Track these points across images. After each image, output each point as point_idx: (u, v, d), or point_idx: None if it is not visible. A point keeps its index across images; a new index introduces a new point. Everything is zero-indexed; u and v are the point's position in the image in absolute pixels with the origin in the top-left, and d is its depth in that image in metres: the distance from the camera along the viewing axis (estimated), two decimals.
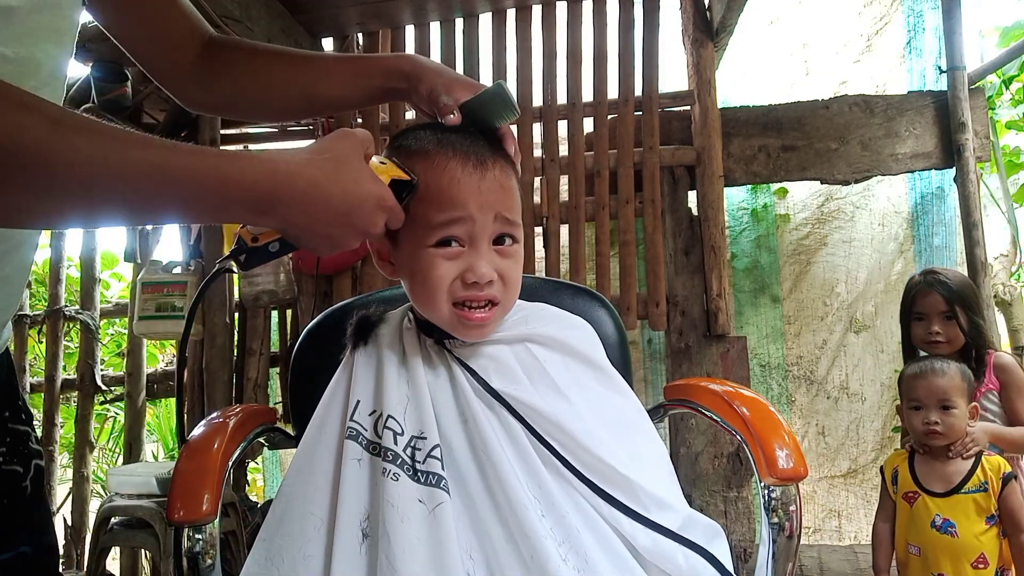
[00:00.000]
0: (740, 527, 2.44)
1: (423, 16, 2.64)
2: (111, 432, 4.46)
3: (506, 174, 0.85)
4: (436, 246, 0.82)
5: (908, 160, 2.63)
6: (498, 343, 0.88)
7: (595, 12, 2.60)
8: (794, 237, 3.02)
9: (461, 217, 0.81)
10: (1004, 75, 3.18)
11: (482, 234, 0.82)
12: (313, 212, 0.69)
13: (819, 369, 2.98)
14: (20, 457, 0.85)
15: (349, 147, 0.73)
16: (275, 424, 1.11)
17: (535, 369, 0.87)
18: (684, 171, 2.60)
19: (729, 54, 2.90)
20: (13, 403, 0.86)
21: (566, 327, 0.94)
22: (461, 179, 0.82)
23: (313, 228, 0.71)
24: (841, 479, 2.95)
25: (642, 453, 0.86)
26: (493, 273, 0.82)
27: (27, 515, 0.85)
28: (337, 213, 0.70)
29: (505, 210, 0.83)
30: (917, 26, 2.89)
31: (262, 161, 0.67)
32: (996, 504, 1.62)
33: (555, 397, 0.85)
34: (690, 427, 2.43)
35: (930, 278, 1.90)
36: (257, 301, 2.62)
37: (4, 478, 0.82)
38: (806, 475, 0.90)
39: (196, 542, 0.87)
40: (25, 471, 0.86)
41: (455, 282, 0.82)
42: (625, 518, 0.79)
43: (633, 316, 2.48)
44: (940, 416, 1.65)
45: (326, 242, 0.74)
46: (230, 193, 0.65)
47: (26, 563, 0.83)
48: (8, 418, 0.84)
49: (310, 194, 0.68)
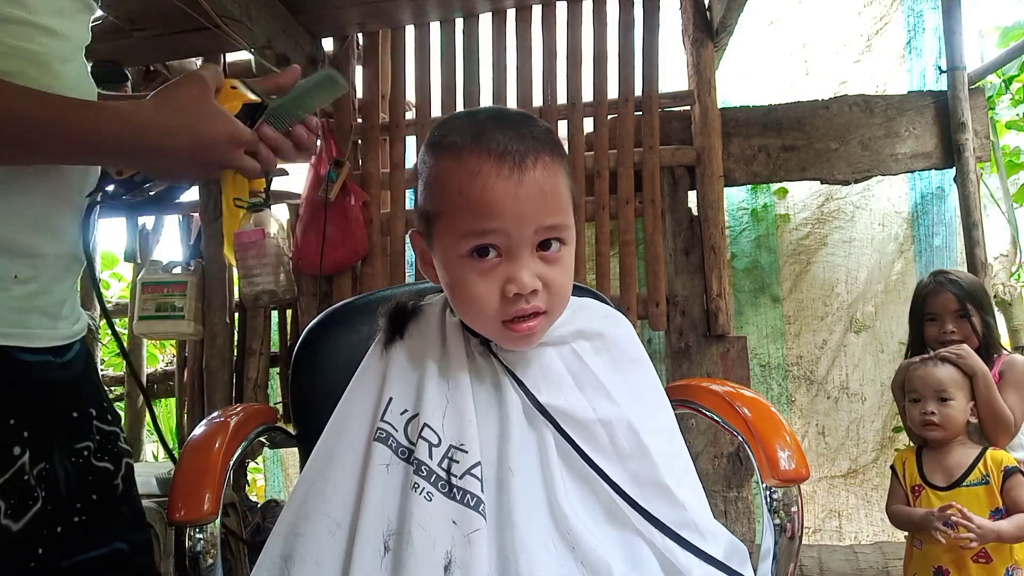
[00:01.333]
0: (740, 527, 2.44)
1: (423, 16, 2.64)
2: None
3: (549, 173, 0.76)
4: (471, 255, 0.76)
5: (908, 160, 2.63)
6: (544, 345, 0.83)
7: (595, 12, 2.59)
8: (794, 237, 3.02)
9: (496, 228, 0.74)
10: (1004, 75, 3.18)
11: (522, 244, 0.75)
12: (168, 158, 0.76)
13: (819, 369, 2.98)
14: (110, 455, 0.87)
15: (197, 92, 0.78)
16: (276, 424, 1.11)
17: (583, 373, 0.83)
18: (684, 171, 2.60)
19: (729, 54, 2.89)
20: (99, 403, 0.89)
21: (611, 324, 0.90)
22: (496, 185, 0.73)
23: (172, 171, 0.79)
24: (841, 479, 2.95)
25: (687, 469, 0.83)
26: (536, 282, 0.75)
27: (119, 512, 0.87)
28: (192, 156, 0.77)
29: (547, 217, 0.75)
30: (917, 26, 2.89)
31: (115, 117, 0.74)
32: (1001, 498, 1.61)
33: (604, 401, 0.81)
34: (690, 427, 2.43)
35: (941, 278, 1.91)
36: (257, 301, 2.62)
37: (95, 474, 0.85)
38: (808, 476, 0.90)
39: (197, 542, 0.87)
40: (116, 469, 0.88)
41: (499, 298, 0.76)
42: (680, 550, 0.74)
43: (633, 316, 2.48)
44: (937, 407, 1.66)
45: (188, 178, 0.84)
46: (94, 142, 0.73)
47: (122, 559, 0.86)
48: (95, 416, 0.87)
49: (162, 144, 0.75)
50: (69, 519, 0.81)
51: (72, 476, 0.81)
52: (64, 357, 0.85)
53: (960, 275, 1.94)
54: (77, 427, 0.84)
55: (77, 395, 0.85)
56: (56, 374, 0.82)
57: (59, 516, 0.79)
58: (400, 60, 2.70)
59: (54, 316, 0.83)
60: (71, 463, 0.82)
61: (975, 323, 1.82)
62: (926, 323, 1.91)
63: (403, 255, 2.65)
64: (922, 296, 1.93)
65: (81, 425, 0.85)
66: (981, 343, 1.83)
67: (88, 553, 0.82)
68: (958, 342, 1.82)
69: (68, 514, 0.81)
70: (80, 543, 0.81)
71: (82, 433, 0.85)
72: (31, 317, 0.79)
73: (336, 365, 1.10)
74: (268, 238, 2.55)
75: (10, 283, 0.76)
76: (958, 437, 1.69)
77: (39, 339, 0.80)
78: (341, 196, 2.52)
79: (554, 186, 0.77)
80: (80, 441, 0.84)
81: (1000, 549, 1.61)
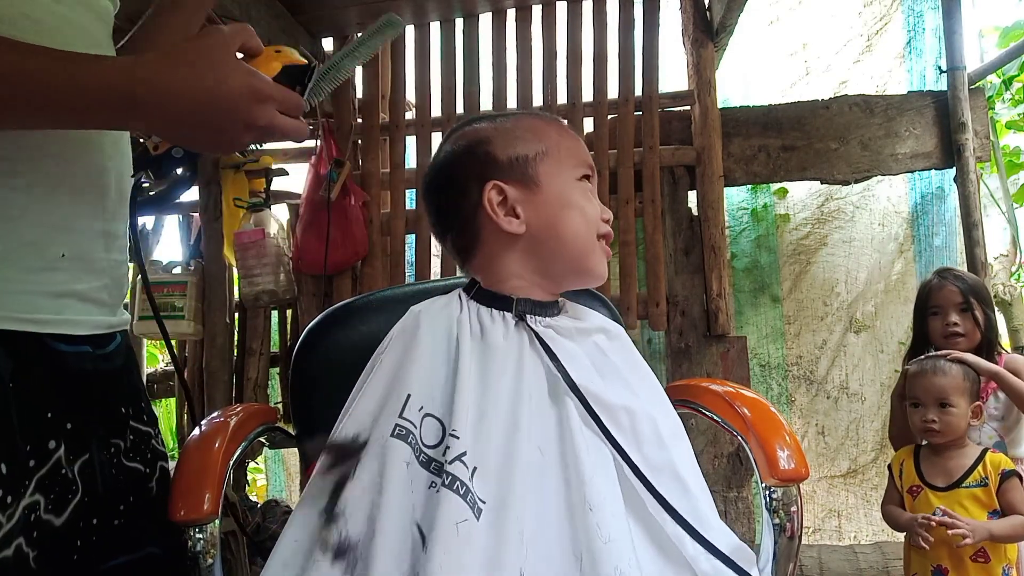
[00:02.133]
0: (740, 527, 2.44)
1: (423, 16, 2.64)
2: None
3: None
4: (583, 179, 0.91)
5: (908, 160, 2.63)
6: (567, 338, 0.86)
7: (595, 12, 2.59)
8: (794, 237, 3.02)
9: (591, 165, 0.93)
10: (1004, 75, 3.18)
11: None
12: (178, 113, 0.67)
13: (819, 369, 2.98)
14: (142, 456, 0.85)
15: (212, 44, 0.70)
16: (276, 424, 1.11)
17: (606, 365, 0.87)
18: (684, 171, 2.60)
19: (729, 54, 2.89)
20: (136, 402, 0.87)
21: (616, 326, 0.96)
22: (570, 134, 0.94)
23: (184, 130, 0.70)
24: (841, 479, 2.95)
25: (696, 470, 0.86)
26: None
27: (154, 516, 0.85)
28: (207, 113, 0.68)
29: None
30: (917, 26, 2.89)
31: (119, 66, 0.67)
32: (997, 499, 1.62)
33: (625, 391, 0.85)
34: (690, 427, 2.41)
35: (945, 273, 1.94)
36: (257, 301, 2.62)
37: (127, 474, 0.83)
38: (807, 476, 0.90)
39: (197, 542, 0.87)
40: (151, 472, 0.87)
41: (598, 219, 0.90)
42: (689, 540, 0.76)
43: (633, 316, 2.48)
44: (937, 414, 1.67)
45: (210, 142, 0.72)
46: (88, 97, 0.65)
47: (155, 564, 0.84)
48: (130, 415, 0.85)
49: (170, 96, 0.67)
50: (108, 520, 0.79)
51: (108, 475, 0.79)
52: (105, 348, 0.82)
53: (964, 273, 1.97)
54: (111, 423, 0.82)
55: (114, 390, 0.83)
56: (94, 366, 0.79)
57: (98, 513, 0.77)
58: (400, 60, 2.70)
59: (95, 303, 0.79)
60: (106, 458, 0.80)
61: (978, 317, 1.83)
62: (929, 317, 1.92)
63: (403, 255, 2.65)
64: (926, 291, 1.95)
65: (115, 421, 0.82)
66: (983, 338, 1.84)
67: (122, 558, 0.80)
68: (960, 335, 1.83)
69: (107, 514, 0.79)
70: (117, 547, 0.80)
71: (115, 430, 0.82)
72: (69, 303, 0.75)
73: (336, 365, 1.10)
74: (268, 238, 2.55)
75: (56, 261, 0.72)
76: (959, 439, 1.69)
77: (78, 326, 0.76)
78: (341, 196, 2.52)
79: None
80: (113, 437, 0.81)
81: (997, 549, 1.62)
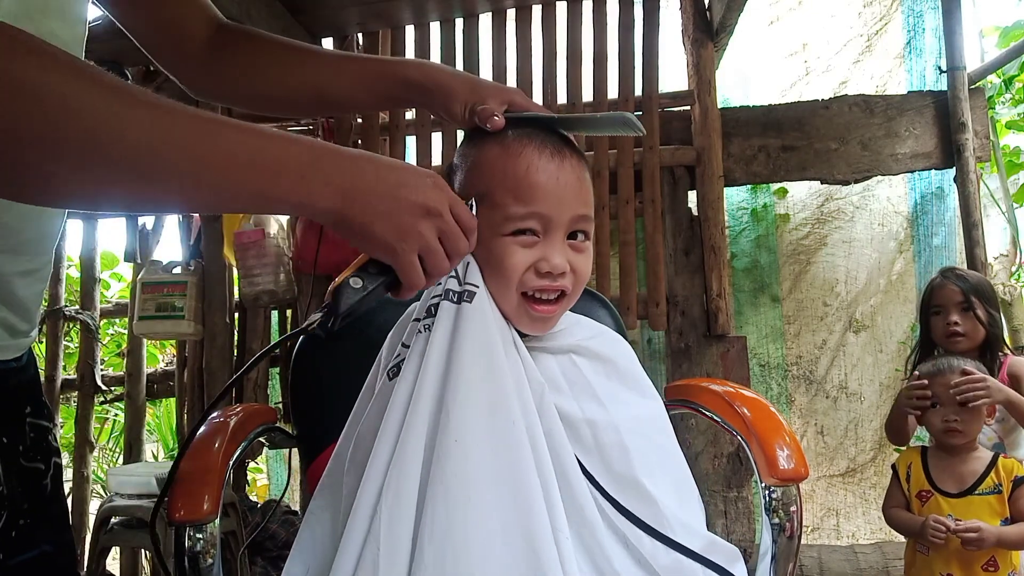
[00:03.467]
0: (740, 527, 2.44)
1: (423, 16, 2.64)
2: (111, 432, 4.46)
3: (581, 166, 0.84)
4: (512, 235, 0.81)
5: (908, 160, 2.63)
6: (547, 352, 0.86)
7: (595, 12, 2.59)
8: (794, 237, 3.02)
9: (538, 211, 0.80)
10: (1004, 75, 3.18)
11: (558, 227, 0.81)
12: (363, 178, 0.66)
13: (818, 369, 2.98)
14: (42, 454, 0.85)
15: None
16: (276, 424, 1.11)
17: (578, 380, 0.86)
18: (684, 171, 2.60)
19: (729, 54, 2.89)
20: (36, 398, 0.85)
21: (608, 342, 0.93)
22: (539, 167, 0.80)
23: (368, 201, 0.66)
24: (840, 478, 2.95)
25: (670, 473, 0.85)
26: (567, 264, 0.82)
27: (47, 513, 0.84)
28: (388, 182, 0.67)
29: (581, 205, 0.83)
30: (917, 26, 2.90)
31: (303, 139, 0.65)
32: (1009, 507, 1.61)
33: (593, 405, 0.84)
34: (690, 427, 2.43)
35: (948, 273, 1.94)
36: (257, 301, 2.62)
37: (28, 476, 0.82)
38: (807, 476, 0.90)
39: (197, 542, 0.87)
40: (46, 468, 0.85)
41: (528, 272, 0.81)
42: (647, 537, 0.77)
43: (633, 316, 2.48)
44: (959, 413, 1.64)
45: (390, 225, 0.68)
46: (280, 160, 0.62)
47: (48, 561, 0.83)
48: (30, 413, 0.84)
49: (357, 158, 0.66)
50: (16, 522, 0.78)
51: (13, 480, 0.79)
52: (22, 361, 0.82)
53: (968, 272, 1.97)
54: (18, 429, 0.81)
55: (24, 395, 0.83)
56: (13, 379, 0.79)
57: (13, 520, 0.77)
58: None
59: (10, 330, 0.77)
60: (11, 466, 0.79)
61: (980, 316, 1.83)
62: (932, 316, 1.92)
63: None
64: (929, 290, 1.96)
65: (20, 426, 0.82)
66: (985, 341, 1.83)
67: (19, 556, 0.79)
68: (961, 335, 1.83)
69: (13, 516, 0.78)
70: (20, 545, 0.79)
71: (18, 433, 0.81)
72: None
73: (336, 365, 1.10)
74: (268, 238, 2.55)
75: None
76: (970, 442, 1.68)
77: (3, 351, 0.76)
78: None
79: (586, 179, 0.85)
80: (16, 443, 0.81)
81: (1005, 557, 1.61)
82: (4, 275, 0.73)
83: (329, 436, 1.04)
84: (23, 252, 0.71)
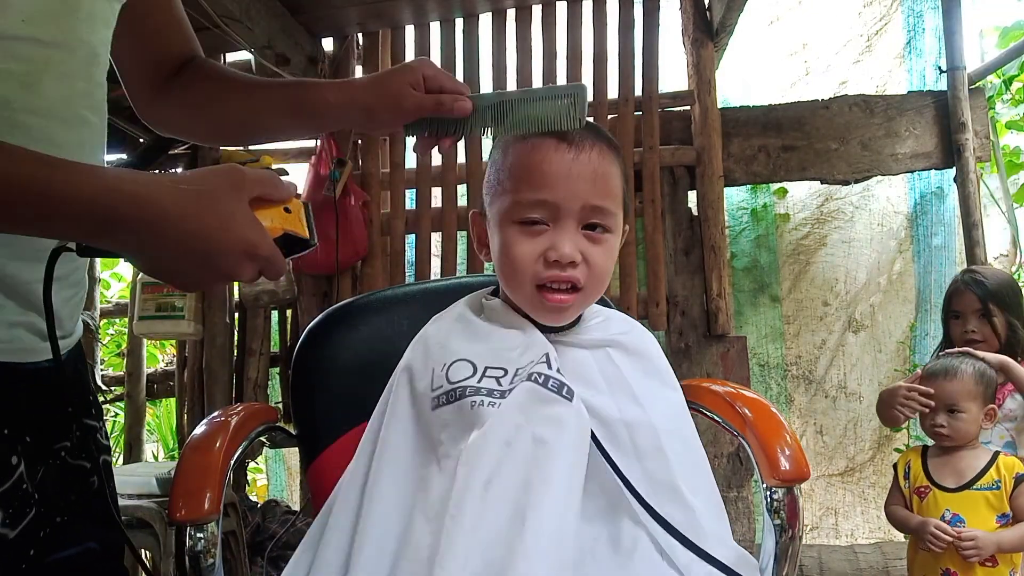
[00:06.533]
0: (740, 527, 2.44)
1: (423, 16, 2.64)
2: (111, 432, 4.46)
3: (604, 159, 0.82)
4: (521, 223, 0.81)
5: (908, 160, 2.64)
6: (580, 347, 0.86)
7: (595, 12, 2.59)
8: (794, 237, 3.02)
9: (544, 199, 0.80)
10: (1004, 75, 3.18)
11: (568, 216, 0.80)
12: (159, 246, 0.62)
13: (818, 369, 2.98)
14: (87, 452, 0.85)
15: (227, 185, 0.64)
16: (276, 423, 1.11)
17: (615, 377, 0.85)
18: (684, 171, 2.60)
19: (729, 54, 2.89)
20: (84, 398, 0.86)
21: (641, 334, 0.93)
22: (553, 158, 0.80)
23: (159, 263, 0.65)
24: (839, 477, 2.95)
25: (703, 477, 0.84)
26: (577, 254, 0.80)
27: (93, 510, 0.85)
28: (191, 252, 0.62)
29: (595, 197, 0.81)
30: (917, 26, 2.89)
31: (108, 179, 0.60)
32: (1009, 504, 1.62)
33: (631, 404, 0.83)
34: None
35: (967, 277, 1.93)
36: (257, 301, 2.62)
37: (72, 472, 0.83)
38: (808, 476, 0.90)
39: (197, 541, 0.87)
40: (93, 467, 0.86)
41: (538, 261, 0.80)
42: (681, 548, 0.75)
43: (633, 316, 2.46)
44: (947, 419, 1.67)
45: (176, 279, 0.68)
46: (61, 208, 0.58)
47: (93, 558, 0.84)
48: (75, 412, 0.84)
49: (158, 226, 0.61)
50: (52, 518, 0.79)
51: (56, 476, 0.80)
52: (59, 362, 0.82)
53: (988, 273, 1.95)
54: (60, 427, 0.82)
55: (66, 395, 0.83)
56: (50, 378, 0.79)
57: (48, 517, 0.78)
58: (400, 60, 2.70)
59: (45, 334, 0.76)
60: (52, 464, 0.80)
61: (997, 323, 1.83)
62: (951, 320, 1.93)
63: (403, 255, 2.65)
64: (949, 293, 1.96)
65: (63, 424, 0.83)
66: (1003, 344, 1.83)
67: (62, 552, 0.80)
68: (978, 342, 1.83)
69: (52, 512, 0.79)
70: (59, 542, 0.80)
71: (62, 432, 0.82)
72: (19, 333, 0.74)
73: (337, 365, 1.10)
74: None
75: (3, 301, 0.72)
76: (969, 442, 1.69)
77: (33, 354, 0.76)
78: (341, 196, 2.52)
79: (607, 172, 0.83)
80: (60, 440, 0.82)
81: (1006, 553, 1.61)
82: (25, 282, 0.73)
83: (329, 436, 1.04)
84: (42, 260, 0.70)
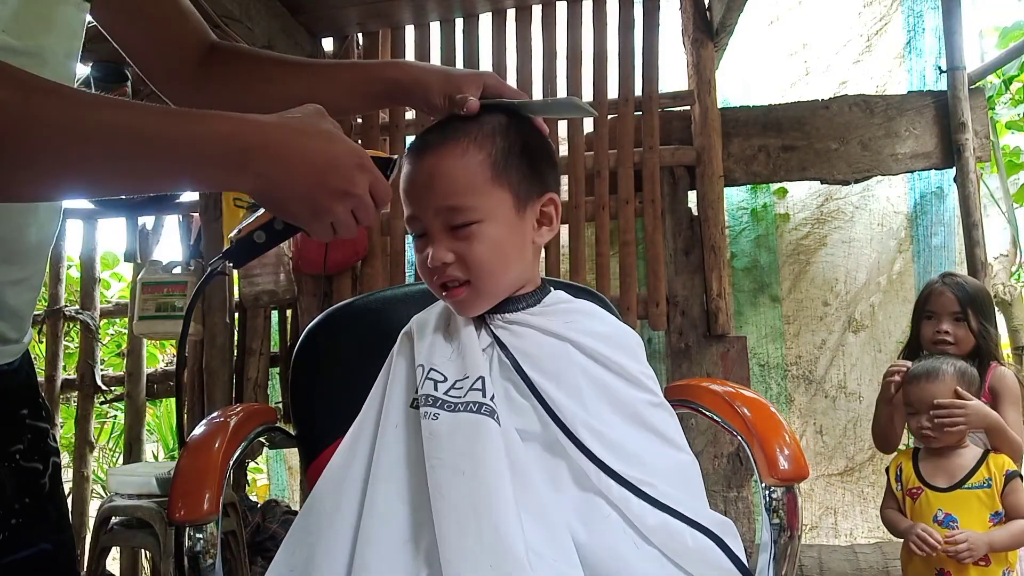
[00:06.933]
0: (740, 527, 2.44)
1: (423, 16, 2.64)
2: (111, 432, 4.46)
3: (445, 156, 0.84)
4: (415, 238, 0.88)
5: (908, 160, 2.63)
6: (540, 331, 0.88)
7: (595, 12, 2.60)
8: (794, 237, 3.02)
9: (412, 215, 0.86)
10: (1004, 75, 3.18)
11: (430, 223, 0.85)
12: (290, 165, 0.67)
13: (818, 369, 2.98)
14: (40, 454, 0.85)
15: (317, 113, 0.72)
16: (276, 424, 1.11)
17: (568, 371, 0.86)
18: (684, 171, 2.60)
19: (729, 54, 2.89)
20: (33, 400, 0.86)
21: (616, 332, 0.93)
22: (407, 175, 0.87)
23: (292, 186, 0.69)
24: (838, 477, 2.95)
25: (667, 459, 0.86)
26: (446, 255, 0.83)
27: (45, 512, 0.85)
28: (315, 167, 0.68)
29: (440, 200, 0.83)
30: (917, 26, 2.89)
31: (232, 118, 0.66)
32: (1000, 501, 1.62)
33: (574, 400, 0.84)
34: (690, 427, 2.43)
35: (947, 279, 1.92)
36: (257, 301, 2.62)
37: (24, 475, 0.83)
38: (807, 476, 0.90)
39: (197, 541, 0.87)
40: (44, 468, 0.86)
41: (428, 269, 0.86)
42: (635, 499, 0.78)
43: (633, 316, 2.48)
44: (931, 421, 1.66)
45: (307, 206, 0.70)
46: (202, 147, 0.63)
47: (47, 560, 0.84)
48: (28, 415, 0.84)
49: (286, 144, 0.67)
50: (8, 522, 0.79)
51: (10, 479, 0.80)
52: (14, 365, 0.82)
53: (966, 280, 1.95)
54: (14, 430, 0.82)
55: (18, 397, 0.83)
56: (6, 383, 0.80)
57: (4, 520, 0.78)
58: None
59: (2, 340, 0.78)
60: (7, 466, 0.80)
61: (972, 327, 1.82)
62: (924, 320, 1.91)
63: (403, 255, 2.65)
64: (925, 293, 1.95)
65: (17, 427, 0.83)
66: (975, 349, 1.83)
67: (16, 554, 0.80)
68: (949, 343, 1.82)
69: (8, 516, 0.80)
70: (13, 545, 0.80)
71: (16, 435, 0.82)
72: None
73: (336, 365, 1.10)
74: None
75: None
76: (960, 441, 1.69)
77: None
78: None
79: (450, 169, 0.84)
80: (13, 444, 0.81)
81: (998, 552, 1.62)
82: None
83: (329, 436, 1.04)
84: (15, 262, 0.71)
